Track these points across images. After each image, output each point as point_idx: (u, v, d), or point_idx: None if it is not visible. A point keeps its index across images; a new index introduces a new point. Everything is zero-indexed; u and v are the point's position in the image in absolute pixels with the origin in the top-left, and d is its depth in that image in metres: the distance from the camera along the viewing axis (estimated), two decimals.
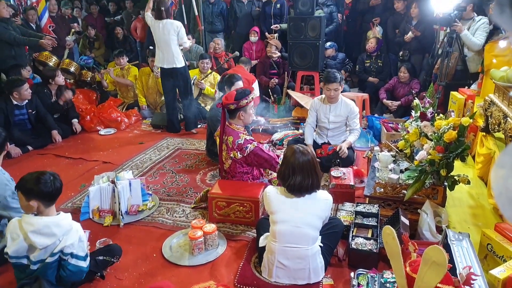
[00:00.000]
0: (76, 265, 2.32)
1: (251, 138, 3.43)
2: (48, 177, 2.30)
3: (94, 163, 4.63)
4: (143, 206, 3.47)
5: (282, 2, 6.87)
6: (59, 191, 2.36)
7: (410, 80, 5.75)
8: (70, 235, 2.29)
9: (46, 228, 2.24)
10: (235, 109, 3.38)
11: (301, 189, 2.46)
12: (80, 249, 2.34)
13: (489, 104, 3.45)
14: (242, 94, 3.37)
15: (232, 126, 3.44)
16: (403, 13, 6.34)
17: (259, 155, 3.37)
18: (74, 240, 2.30)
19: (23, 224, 2.25)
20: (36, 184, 2.25)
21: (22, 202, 2.30)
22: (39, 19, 6.70)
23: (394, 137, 4.44)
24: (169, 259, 2.84)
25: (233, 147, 3.36)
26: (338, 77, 4.04)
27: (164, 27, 5.11)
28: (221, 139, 3.48)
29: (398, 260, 1.88)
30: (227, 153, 3.43)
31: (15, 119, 4.91)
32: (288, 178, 2.47)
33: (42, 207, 2.29)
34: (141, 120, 6.22)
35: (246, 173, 3.49)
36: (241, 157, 3.37)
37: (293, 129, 5.41)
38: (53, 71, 5.50)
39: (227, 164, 3.47)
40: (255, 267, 2.72)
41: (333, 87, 4.04)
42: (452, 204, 3.29)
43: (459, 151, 2.71)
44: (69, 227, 2.32)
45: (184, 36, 5.24)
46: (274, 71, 6.63)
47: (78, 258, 2.33)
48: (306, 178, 2.44)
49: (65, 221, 2.33)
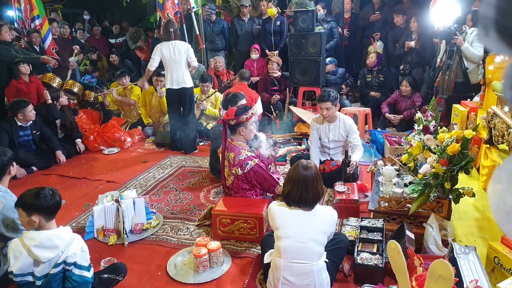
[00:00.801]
0: (81, 275, 2.32)
1: (252, 155, 3.44)
2: (47, 192, 2.34)
3: (98, 182, 4.64)
4: (148, 225, 3.47)
5: (282, 19, 6.95)
6: (59, 205, 2.40)
7: (412, 94, 5.77)
8: (72, 246, 2.31)
9: (48, 241, 2.27)
10: (235, 125, 3.40)
11: (295, 201, 2.44)
12: (83, 259, 2.35)
13: (492, 116, 3.45)
14: (242, 110, 3.39)
15: (234, 142, 3.45)
16: (403, 27, 6.40)
17: (259, 172, 3.36)
18: (76, 250, 2.31)
19: (25, 241, 2.27)
20: (36, 199, 2.29)
21: (23, 218, 2.32)
22: (43, 42, 6.79)
23: (397, 151, 4.44)
24: (174, 277, 2.82)
25: (234, 163, 3.37)
26: (331, 95, 3.98)
27: (175, 48, 5.18)
28: (223, 155, 3.49)
29: (404, 275, 1.87)
30: (229, 169, 3.43)
31: (20, 140, 4.96)
32: (286, 190, 2.48)
33: (43, 221, 2.32)
34: (144, 139, 6.25)
35: (249, 190, 3.48)
36: (242, 174, 3.37)
37: (296, 145, 5.42)
38: (57, 92, 5.56)
39: (229, 180, 3.48)
40: (261, 283, 2.70)
41: (325, 106, 4.00)
42: (457, 217, 3.27)
43: (463, 163, 2.70)
44: (71, 239, 2.34)
45: (192, 56, 5.32)
46: (275, 88, 6.68)
47: (81, 268, 2.33)
48: (301, 191, 2.41)
49: (65, 233, 2.36)
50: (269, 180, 3.40)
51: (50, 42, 6.85)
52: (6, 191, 2.86)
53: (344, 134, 4.16)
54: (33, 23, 6.89)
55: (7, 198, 2.82)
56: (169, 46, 5.19)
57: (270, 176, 3.41)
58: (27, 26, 7.08)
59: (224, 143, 3.49)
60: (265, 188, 3.46)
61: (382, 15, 7.03)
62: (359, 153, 4.11)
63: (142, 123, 6.52)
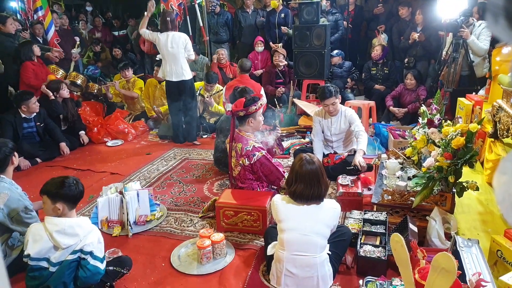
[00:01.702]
0: (95, 266, 2.39)
1: (260, 146, 3.44)
2: (71, 181, 2.46)
3: (102, 174, 4.66)
4: (151, 216, 3.48)
5: (286, 12, 6.92)
6: (82, 194, 2.52)
7: (417, 87, 5.74)
8: (90, 235, 2.40)
9: (70, 228, 2.36)
10: (244, 116, 3.40)
11: (302, 197, 2.46)
12: (99, 251, 2.42)
13: (497, 109, 3.43)
14: (251, 101, 3.40)
15: (242, 133, 3.46)
16: (408, 20, 6.36)
17: (265, 164, 3.37)
18: (93, 240, 2.39)
19: (47, 225, 2.36)
20: (62, 188, 2.39)
21: (47, 205, 2.41)
22: (46, 33, 6.79)
23: (401, 144, 4.43)
24: (178, 268, 2.84)
25: (241, 153, 3.38)
26: (332, 90, 3.97)
27: (172, 40, 5.11)
28: (231, 146, 3.50)
29: (407, 267, 1.88)
30: (237, 160, 3.44)
31: (24, 132, 4.97)
32: (290, 186, 2.50)
33: (66, 209, 2.42)
34: (148, 131, 6.26)
35: (257, 180, 3.49)
36: (248, 164, 3.38)
37: (300, 138, 5.41)
38: (57, 83, 5.56)
39: (236, 171, 3.48)
40: (264, 275, 2.71)
41: (330, 102, 4.00)
42: (461, 210, 3.26)
43: (467, 157, 2.69)
44: (90, 228, 2.44)
45: (191, 49, 5.26)
46: (280, 80, 6.66)
47: (96, 259, 2.40)
48: (309, 186, 2.44)
49: (85, 223, 2.47)
50: (275, 172, 3.41)
51: (53, 33, 6.85)
52: (11, 183, 2.88)
53: (345, 125, 4.15)
54: (35, 14, 6.88)
55: (13, 190, 2.83)
56: (165, 37, 5.12)
57: (276, 169, 3.41)
58: (30, 17, 7.07)
59: (232, 133, 3.49)
60: (270, 180, 3.47)
61: (386, 7, 6.98)
62: (364, 139, 3.96)
63: (146, 116, 6.53)
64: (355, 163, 3.75)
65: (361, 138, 3.97)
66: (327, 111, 4.10)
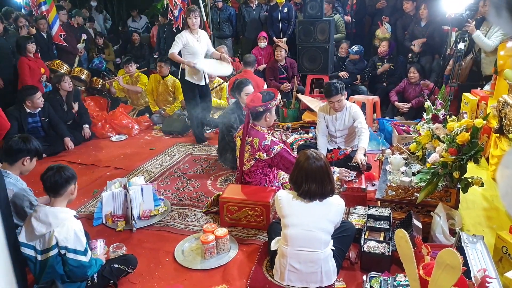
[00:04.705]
0: (76, 260, 2.39)
1: (277, 140, 3.44)
2: (52, 169, 2.53)
3: (106, 169, 4.67)
4: (155, 211, 3.49)
5: (289, 6, 6.88)
6: (63, 183, 2.49)
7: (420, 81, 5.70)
8: (63, 229, 2.38)
9: (44, 216, 2.39)
10: (263, 111, 3.40)
11: (315, 196, 2.46)
12: (78, 244, 2.41)
13: (503, 105, 3.40)
14: (269, 97, 3.40)
15: (257, 127, 3.44)
16: (412, 14, 6.30)
17: (285, 157, 3.34)
18: (67, 235, 2.37)
19: (32, 212, 2.44)
20: (42, 176, 2.49)
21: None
22: (50, 28, 6.78)
23: (406, 140, 4.41)
24: (182, 263, 2.85)
25: (259, 148, 3.35)
26: (338, 87, 3.93)
27: (201, 39, 5.03)
28: (244, 140, 3.47)
29: (411, 263, 1.87)
30: (251, 154, 3.40)
31: (29, 126, 4.99)
32: (301, 184, 2.47)
33: (52, 198, 2.50)
34: (152, 126, 6.26)
35: (266, 175, 3.49)
36: (267, 158, 3.36)
37: (303, 133, 5.40)
38: (59, 76, 5.56)
39: (248, 165, 3.45)
40: (267, 270, 2.72)
41: (336, 99, 3.97)
42: (465, 206, 3.25)
43: (472, 153, 2.68)
44: (62, 220, 2.41)
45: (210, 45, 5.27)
46: (283, 76, 6.63)
47: (76, 252, 2.40)
48: (320, 184, 2.44)
49: (62, 215, 2.44)
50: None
51: (57, 28, 6.83)
52: (17, 179, 2.89)
53: (350, 122, 4.13)
54: (39, 9, 6.87)
55: (18, 186, 2.84)
56: (196, 36, 4.98)
57: None
58: (34, 12, 7.06)
59: (246, 128, 3.47)
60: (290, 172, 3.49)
61: (390, 1, 6.91)
62: (365, 137, 3.94)
63: (150, 111, 6.52)
64: (356, 161, 3.74)
65: (363, 136, 3.94)
66: (333, 107, 4.08)
